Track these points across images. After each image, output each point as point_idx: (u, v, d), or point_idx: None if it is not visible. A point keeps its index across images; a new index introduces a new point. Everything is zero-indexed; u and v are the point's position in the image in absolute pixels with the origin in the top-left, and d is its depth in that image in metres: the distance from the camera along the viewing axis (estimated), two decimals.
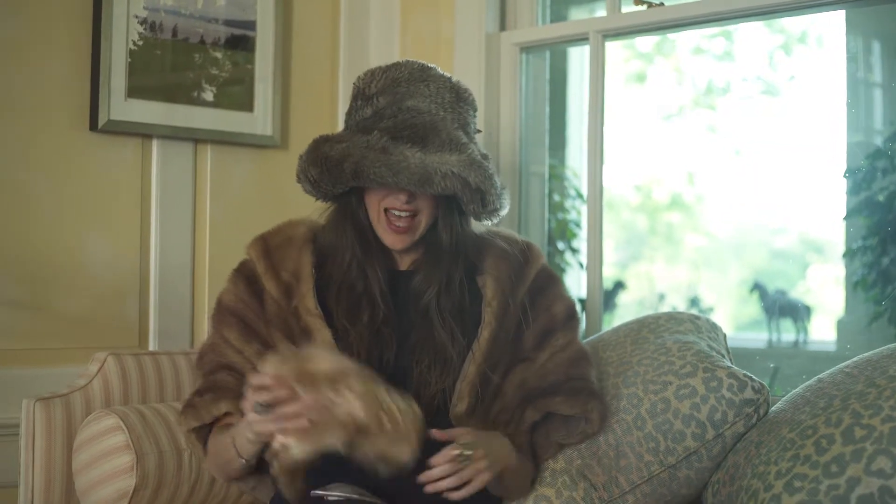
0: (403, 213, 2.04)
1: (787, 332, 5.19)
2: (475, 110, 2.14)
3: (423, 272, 2.09)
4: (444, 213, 2.08)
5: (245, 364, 2.06)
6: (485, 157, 2.07)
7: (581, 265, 4.55)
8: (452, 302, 2.08)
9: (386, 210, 2.05)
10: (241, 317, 2.10)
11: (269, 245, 2.13)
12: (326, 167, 2.03)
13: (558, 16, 3.24)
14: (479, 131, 2.16)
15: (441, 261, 2.08)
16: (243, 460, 2.00)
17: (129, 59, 2.69)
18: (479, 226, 2.20)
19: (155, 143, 2.77)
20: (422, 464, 1.87)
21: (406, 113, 2.04)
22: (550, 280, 2.19)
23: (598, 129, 2.84)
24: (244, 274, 2.14)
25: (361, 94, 2.10)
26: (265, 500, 2.17)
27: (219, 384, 2.07)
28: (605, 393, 2.19)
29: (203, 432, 2.11)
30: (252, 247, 2.15)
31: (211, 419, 2.07)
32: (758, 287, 5.54)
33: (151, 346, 2.75)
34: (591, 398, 2.10)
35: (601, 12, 2.93)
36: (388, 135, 2.01)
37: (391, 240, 2.06)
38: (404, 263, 2.14)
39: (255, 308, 2.10)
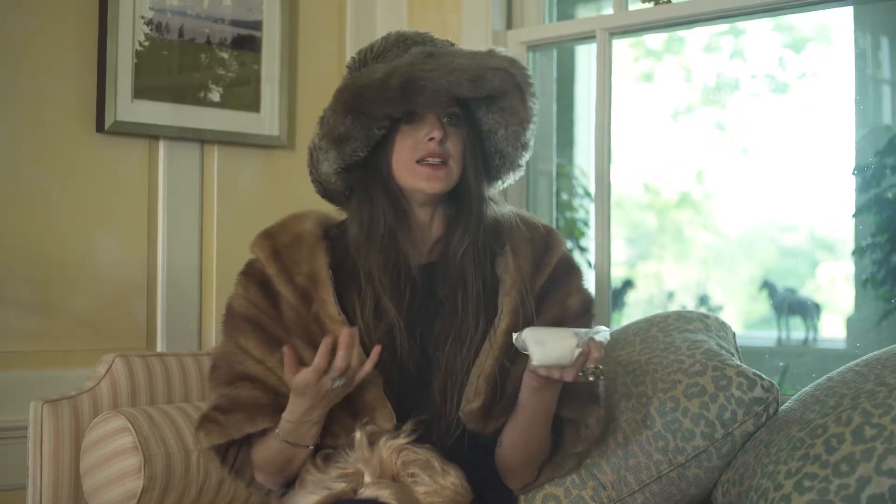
0: (435, 161, 1.97)
1: (797, 331, 5.17)
2: None
3: (452, 254, 2.02)
4: (472, 168, 2.03)
5: (268, 375, 1.96)
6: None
7: (589, 264, 4.53)
8: (476, 288, 2.00)
9: (418, 162, 1.97)
10: (257, 323, 1.98)
11: (277, 244, 2.02)
12: (365, 100, 1.96)
13: (565, 14, 3.23)
14: None
15: (471, 242, 2.01)
16: (310, 447, 1.92)
17: (136, 60, 2.69)
18: (499, 207, 2.13)
19: (162, 144, 2.77)
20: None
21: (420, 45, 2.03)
22: (569, 270, 2.10)
23: (605, 127, 2.83)
24: (254, 277, 2.02)
25: (361, 62, 2.06)
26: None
27: (245, 401, 1.95)
28: (614, 392, 2.18)
29: (222, 448, 2.01)
30: (258, 246, 2.04)
31: (242, 436, 1.97)
32: (767, 285, 5.52)
33: (159, 348, 2.75)
34: (591, 402, 2.01)
35: (608, 10, 2.92)
36: (428, 48, 1.99)
37: (426, 182, 1.97)
38: (421, 256, 2.05)
39: (272, 314, 1.99)
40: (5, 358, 2.52)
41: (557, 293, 2.06)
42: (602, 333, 1.81)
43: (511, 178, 2.15)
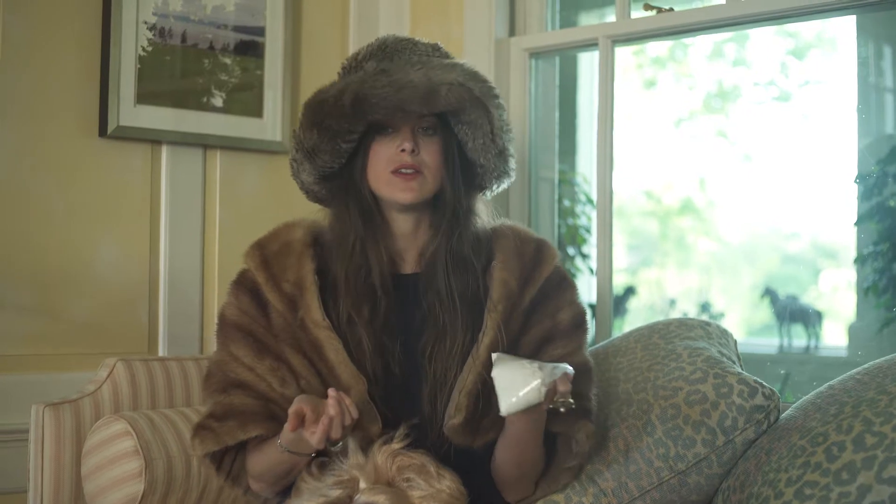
0: (409, 171, 1.98)
1: (799, 338, 5.16)
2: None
3: (433, 263, 2.02)
4: (450, 176, 2.03)
5: (258, 381, 1.98)
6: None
7: (591, 271, 4.54)
8: (463, 298, 2.01)
9: (393, 173, 1.98)
10: (248, 331, 2.02)
11: (267, 253, 2.06)
12: (324, 115, 1.98)
13: (568, 21, 3.23)
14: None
15: (451, 251, 2.01)
16: (312, 454, 1.91)
17: (139, 65, 2.69)
18: (492, 220, 2.14)
19: (164, 149, 2.77)
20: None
21: (399, 55, 2.03)
22: (561, 284, 2.10)
23: (607, 134, 2.83)
24: (246, 286, 2.06)
25: (348, 67, 2.07)
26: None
27: (238, 408, 1.97)
28: (615, 399, 2.18)
29: (217, 455, 2.03)
30: (249, 256, 2.07)
31: (235, 443, 1.98)
32: (769, 292, 5.51)
33: (161, 352, 2.75)
34: (581, 417, 1.99)
35: (611, 18, 2.93)
36: (384, 64, 1.99)
37: (401, 193, 1.98)
38: (409, 265, 2.08)
39: (262, 321, 2.02)
40: (8, 361, 2.53)
41: (547, 307, 2.06)
42: (563, 367, 1.81)
43: (502, 184, 2.14)
